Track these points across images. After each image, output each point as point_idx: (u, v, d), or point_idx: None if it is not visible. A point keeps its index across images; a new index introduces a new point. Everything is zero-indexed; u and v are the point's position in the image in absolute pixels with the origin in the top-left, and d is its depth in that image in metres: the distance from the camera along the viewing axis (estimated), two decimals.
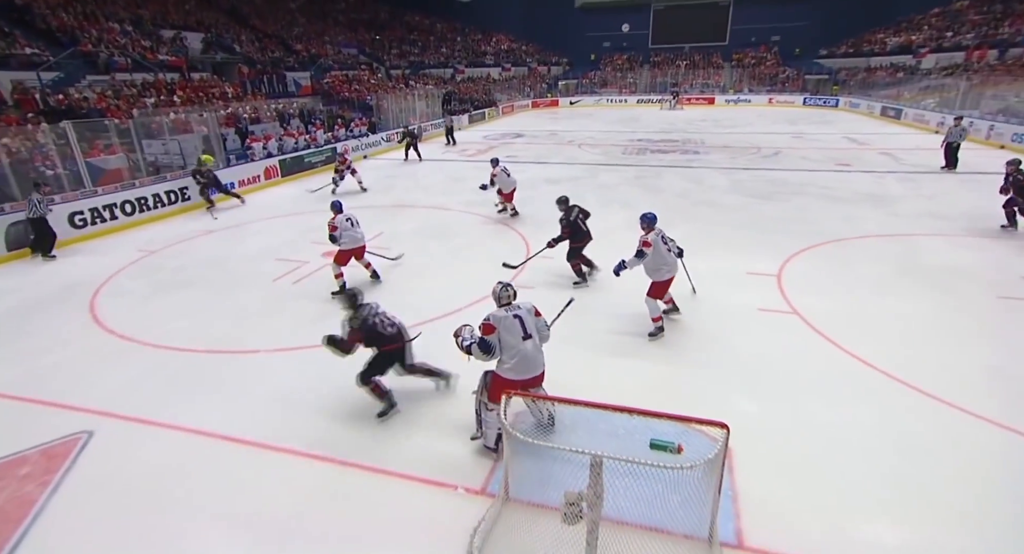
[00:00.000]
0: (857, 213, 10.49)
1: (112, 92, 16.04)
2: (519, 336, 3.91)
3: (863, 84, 33.09)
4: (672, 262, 5.78)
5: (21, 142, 10.64)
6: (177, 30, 22.68)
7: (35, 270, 8.60)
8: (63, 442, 4.42)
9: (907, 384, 4.93)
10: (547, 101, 39.63)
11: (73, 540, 3.52)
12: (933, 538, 3.38)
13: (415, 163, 17.58)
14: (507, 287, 4.15)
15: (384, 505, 3.70)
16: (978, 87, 22.08)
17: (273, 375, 5.38)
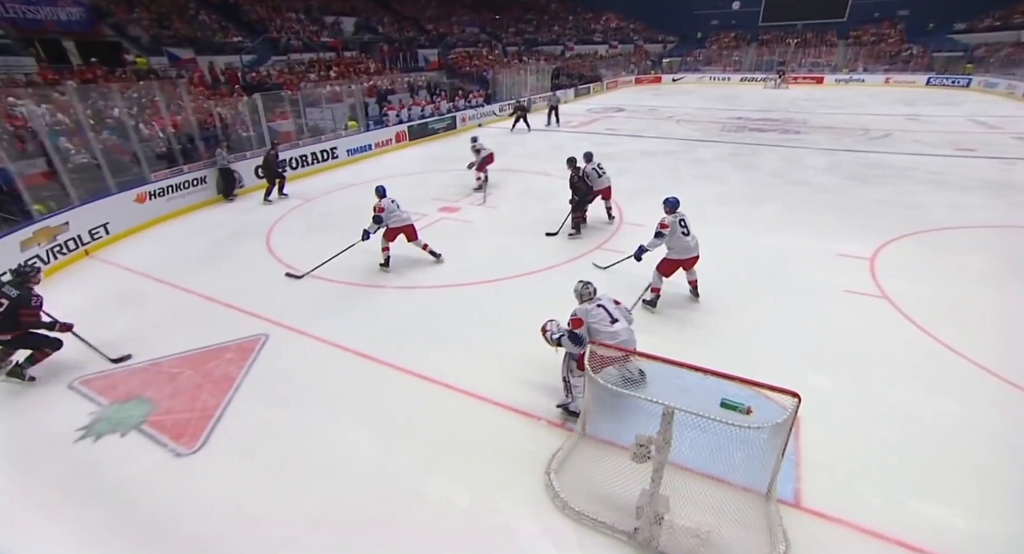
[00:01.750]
0: (971, 201, 8.91)
1: (288, 69, 17.43)
2: (607, 322, 3.85)
3: (1006, 61, 26.85)
4: (686, 246, 5.31)
5: (229, 110, 12.01)
6: (336, 16, 23.84)
7: (232, 209, 9.79)
8: (251, 339, 5.14)
9: (998, 376, 4.28)
10: (650, 77, 36.96)
11: (258, 409, 4.17)
12: (1000, 527, 3.01)
13: (523, 133, 17.40)
14: (587, 285, 4.09)
15: (479, 424, 3.94)
16: None
17: (396, 308, 5.79)
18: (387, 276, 6.58)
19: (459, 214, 9.00)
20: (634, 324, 4.06)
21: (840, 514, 3.07)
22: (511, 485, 3.37)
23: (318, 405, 4.21)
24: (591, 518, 3.03)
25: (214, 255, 7.49)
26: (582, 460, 3.44)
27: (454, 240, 7.73)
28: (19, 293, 4.19)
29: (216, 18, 19.65)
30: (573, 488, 3.22)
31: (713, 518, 2.85)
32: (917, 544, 2.89)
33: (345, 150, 13.28)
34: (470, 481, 3.42)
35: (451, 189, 10.51)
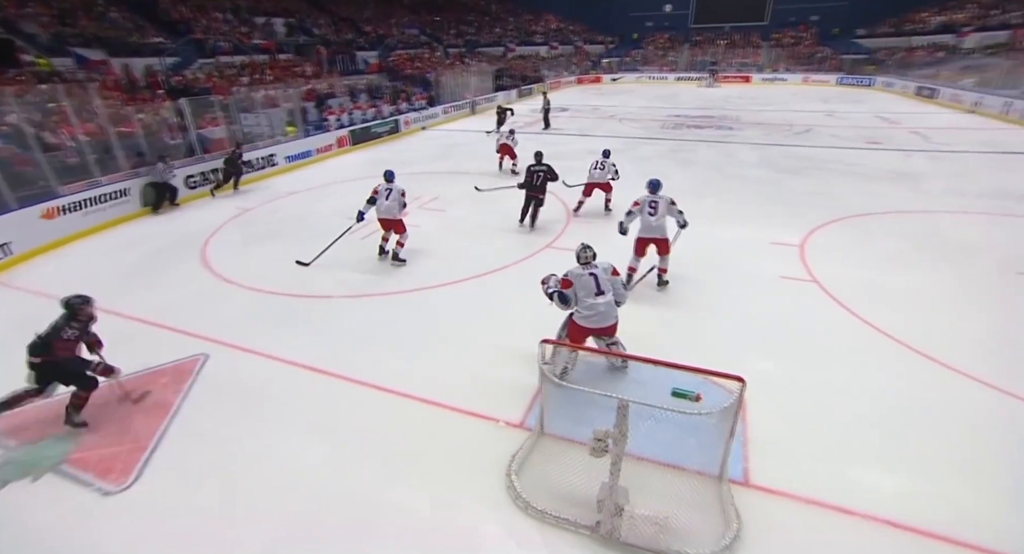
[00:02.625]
0: (881, 189, 9.71)
1: (217, 73, 16.45)
2: (592, 292, 3.97)
3: (901, 64, 29.80)
4: (648, 226, 5.66)
5: (152, 117, 11.15)
6: (267, 17, 22.78)
7: (161, 222, 9.13)
8: (189, 361, 4.80)
9: (917, 351, 4.67)
10: (591, 78, 37.81)
11: (199, 433, 3.90)
12: (927, 488, 3.28)
13: (468, 133, 17.32)
14: (587, 248, 4.16)
15: (437, 431, 3.86)
16: (1020, 67, 19.51)
17: (344, 318, 5.59)
18: (335, 285, 6.33)
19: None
20: (628, 301, 4.20)
21: (785, 488, 3.24)
22: (473, 489, 3.33)
23: (268, 424, 3.99)
24: (554, 516, 3.04)
25: (143, 272, 6.95)
26: (542, 459, 3.45)
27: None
28: (55, 323, 3.88)
29: (131, 17, 18.18)
30: (535, 487, 3.22)
31: (671, 504, 2.93)
32: (852, 508, 3.09)
33: (284, 157, 12.71)
34: (431, 489, 3.35)
35: None
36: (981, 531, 2.94)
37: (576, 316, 4.08)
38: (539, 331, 4.90)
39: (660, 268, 5.89)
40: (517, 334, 4.98)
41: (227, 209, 9.66)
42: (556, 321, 5.22)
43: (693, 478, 3.19)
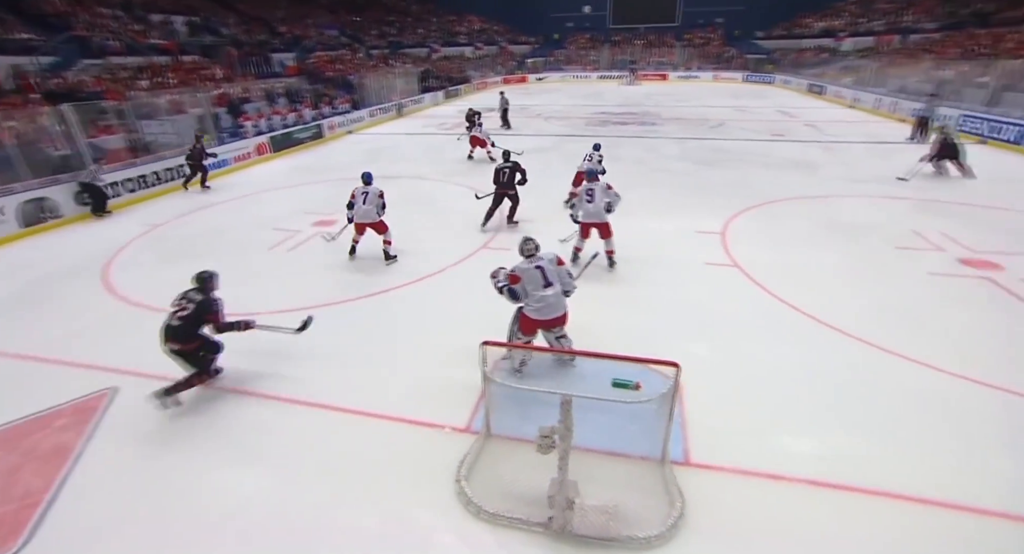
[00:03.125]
0: (787, 178, 10.59)
1: (108, 75, 14.87)
2: (541, 284, 4.00)
3: (794, 63, 32.83)
4: (587, 211, 6.11)
5: (25, 124, 9.83)
6: (165, 14, 20.95)
7: (51, 244, 8.13)
8: (92, 397, 4.29)
9: (822, 321, 5.12)
10: (516, 77, 38.25)
11: (108, 478, 3.48)
12: (839, 446, 3.59)
13: (396, 135, 16.96)
14: (529, 241, 4.17)
15: (381, 444, 3.72)
16: (885, 68, 22.13)
17: (273, 335, 5.25)
18: (262, 300, 5.92)
19: (335, 227, 8.45)
20: (577, 290, 4.25)
21: (722, 463, 3.43)
22: (422, 500, 3.24)
23: (192, 457, 3.65)
24: (506, 517, 3.02)
25: (29, 302, 6.15)
26: (491, 461, 3.43)
27: (332, 254, 7.26)
28: (202, 298, 4.22)
29: None
30: (485, 491, 3.18)
31: (618, 491, 3.01)
32: (779, 473, 3.33)
33: None
34: (379, 504, 3.22)
35: (325, 201, 9.85)
36: (887, 478, 3.27)
37: (526, 309, 4.12)
38: (480, 333, 4.86)
39: (607, 250, 6.27)
40: (457, 337, 4.92)
41: (131, 226, 8.79)
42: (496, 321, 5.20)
43: (638, 464, 3.30)
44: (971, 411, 3.90)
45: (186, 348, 4.14)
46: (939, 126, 10.05)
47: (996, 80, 15.31)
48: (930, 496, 3.15)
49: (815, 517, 3.05)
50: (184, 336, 4.11)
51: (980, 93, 15.72)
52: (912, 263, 6.47)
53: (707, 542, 2.90)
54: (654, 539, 2.86)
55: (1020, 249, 6.74)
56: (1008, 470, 3.36)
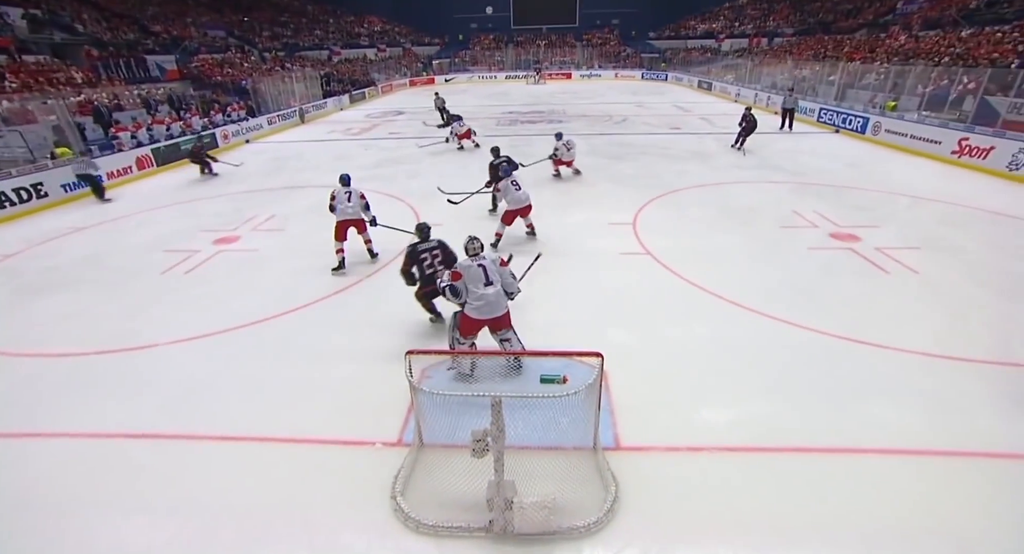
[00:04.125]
0: (687, 168, 11.42)
1: None
2: (481, 283, 4.02)
3: (683, 62, 35.57)
4: (518, 199, 6.86)
5: None
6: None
7: None
8: None
9: (726, 299, 5.58)
10: (424, 79, 37.73)
11: None
12: (748, 411, 3.93)
13: (300, 143, 16.01)
14: (474, 240, 4.20)
15: (308, 470, 3.49)
16: (757, 67, 24.72)
17: (175, 367, 4.74)
18: (159, 330, 5.31)
19: (240, 243, 7.81)
20: (521, 293, 4.34)
21: (649, 443, 3.61)
22: (357, 524, 3.07)
23: (82, 521, 3.17)
24: (447, 527, 2.96)
25: None
26: (426, 472, 3.34)
27: (239, 273, 6.71)
28: (438, 241, 4.74)
29: None
30: (423, 503, 3.09)
31: (556, 485, 3.05)
32: (698, 445, 3.58)
33: (59, 185, 10.24)
34: (311, 536, 3.01)
35: (225, 216, 9.06)
36: (793, 435, 3.63)
37: (467, 308, 4.11)
38: (405, 342, 4.76)
39: (528, 224, 7.30)
40: (379, 350, 4.76)
41: None
42: (420, 328, 5.10)
43: (572, 455, 3.37)
44: (851, 365, 4.45)
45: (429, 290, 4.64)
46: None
47: (841, 78, 17.69)
48: (829, 444, 3.55)
49: (733, 480, 3.31)
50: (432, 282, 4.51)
51: (831, 89, 18.08)
52: (795, 239, 7.26)
53: (642, 520, 3.03)
54: (593, 525, 2.95)
55: (870, 222, 7.80)
56: (887, 412, 3.87)
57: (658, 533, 2.97)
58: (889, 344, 4.69)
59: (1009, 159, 10.24)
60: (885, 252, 6.70)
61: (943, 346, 4.64)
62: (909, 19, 23.77)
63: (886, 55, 19.89)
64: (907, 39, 21.08)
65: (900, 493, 3.20)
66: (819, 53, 24.76)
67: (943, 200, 8.85)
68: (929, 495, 3.18)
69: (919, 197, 9.05)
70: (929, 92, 13.84)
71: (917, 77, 14.55)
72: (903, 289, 5.83)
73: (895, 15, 25.41)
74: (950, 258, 6.55)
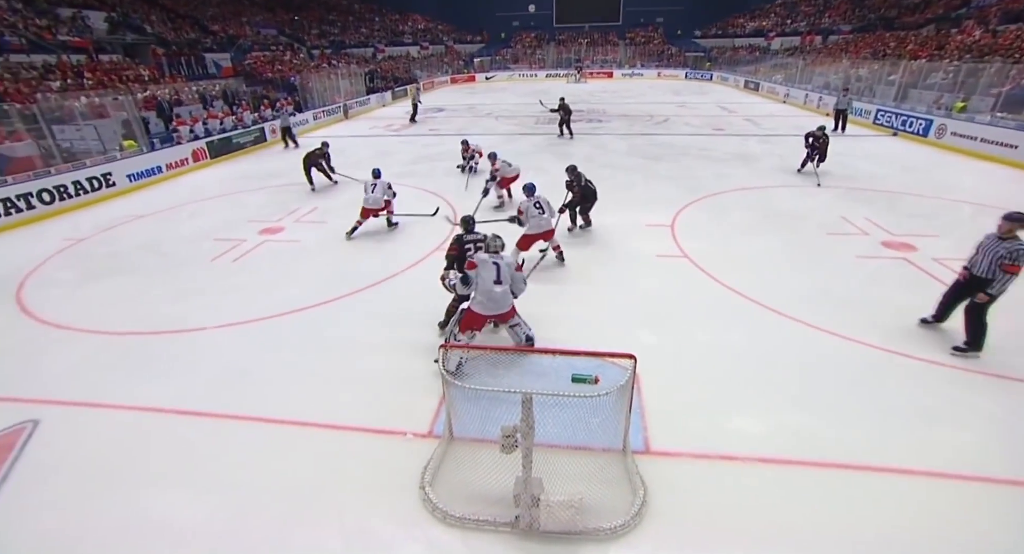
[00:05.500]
0: (728, 170, 11.08)
1: (9, 75, 13.55)
2: (492, 280, 4.15)
3: (729, 61, 34.48)
4: (538, 223, 6.07)
5: None
6: (76, 8, 19.31)
7: None
8: (6, 433, 3.89)
9: (765, 305, 5.39)
10: (464, 77, 38.08)
11: (28, 522, 3.16)
12: (785, 423, 3.79)
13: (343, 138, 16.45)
14: (496, 237, 4.36)
15: (341, 456, 3.59)
16: (809, 66, 23.64)
17: (222, 350, 4.98)
18: (207, 314, 5.58)
19: (284, 234, 8.12)
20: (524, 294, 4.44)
21: (679, 448, 3.54)
22: (386, 511, 3.15)
23: (130, 489, 3.38)
24: (473, 520, 2.99)
25: None
26: (455, 464, 3.38)
27: (282, 264, 6.97)
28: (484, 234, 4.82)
29: None
30: (451, 495, 3.14)
31: (583, 485, 3.04)
32: (732, 453, 3.47)
33: (125, 175, 10.95)
34: (341, 520, 3.10)
35: (270, 208, 9.43)
36: (829, 449, 3.48)
37: (473, 303, 4.24)
38: (436, 337, 4.83)
39: (555, 247, 6.44)
40: (413, 343, 4.84)
41: (50, 241, 8.07)
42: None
43: (600, 456, 3.34)
44: (897, 381, 4.21)
45: None
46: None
47: (902, 78, 16.67)
48: (868, 461, 3.38)
49: (766, 492, 3.20)
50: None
51: (890, 90, 17.08)
52: (842, 247, 6.93)
53: (670, 526, 2.98)
54: (619, 528, 2.91)
55: (929, 231, 7.35)
56: (937, 433, 3.65)
57: (685, 540, 2.91)
58: (943, 361, 4.41)
59: None
60: (943, 263, 6.30)
61: (1004, 366, 4.33)
62: (986, 12, 22.08)
63: (957, 52, 18.50)
64: (983, 34, 19.60)
65: (947, 519, 3.01)
66: (878, 51, 23.45)
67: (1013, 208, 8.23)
68: (975, 523, 2.98)
69: (986, 205, 8.46)
70: (1006, 92, 12.82)
71: (993, 75, 13.53)
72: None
73: (969, 8, 23.69)
74: None
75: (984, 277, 4.20)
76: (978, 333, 4.34)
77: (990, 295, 4.15)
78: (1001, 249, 4.06)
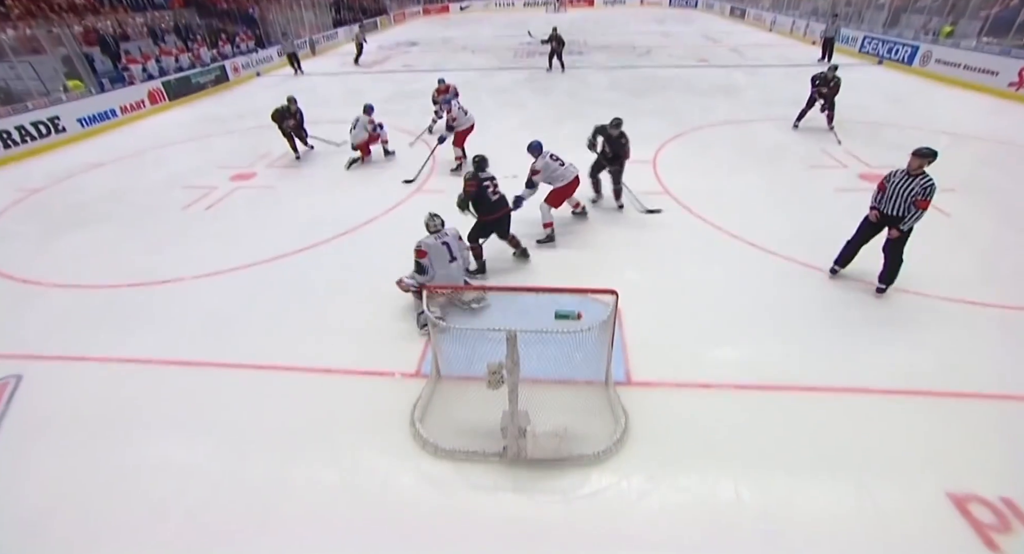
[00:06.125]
0: (712, 104, 10.75)
1: None
2: (446, 260, 4.11)
3: None
4: (563, 174, 5.34)
5: None
6: None
7: None
8: None
9: (744, 240, 5.43)
10: (438, 7, 35.37)
11: (23, 475, 3.18)
12: (760, 351, 3.93)
13: (303, 77, 15.40)
14: (434, 217, 4.20)
15: (332, 398, 3.64)
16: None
17: (203, 300, 4.87)
18: (185, 265, 5.41)
19: (257, 180, 7.76)
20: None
21: (660, 378, 3.66)
22: (379, 447, 3.25)
23: (125, 434, 3.41)
24: (463, 452, 3.11)
25: None
26: (443, 402, 3.46)
27: (257, 210, 6.71)
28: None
29: None
30: (440, 430, 3.24)
31: (567, 416, 3.15)
32: (709, 381, 3.62)
33: (75, 120, 10.16)
34: (336, 457, 3.20)
35: (240, 153, 8.95)
36: (802, 375, 3.64)
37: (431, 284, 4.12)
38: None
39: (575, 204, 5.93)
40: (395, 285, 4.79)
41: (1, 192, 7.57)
42: None
43: (584, 388, 3.45)
44: (869, 309, 4.36)
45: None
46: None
47: (893, 1, 15.90)
48: (838, 384, 3.56)
49: (738, 415, 3.37)
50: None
51: (880, 15, 16.34)
52: (821, 181, 6.91)
53: (649, 449, 3.14)
54: (602, 454, 3.06)
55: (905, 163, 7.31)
56: (900, 355, 3.83)
57: (663, 461, 3.08)
58: (910, 288, 4.56)
59: None
60: None
61: (966, 291, 4.50)
62: None
63: None
64: None
65: (900, 430, 3.23)
66: None
67: (989, 138, 8.25)
68: (928, 433, 3.21)
69: (963, 135, 8.43)
70: (994, 14, 12.31)
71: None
72: (931, 233, 5.57)
73: None
74: (985, 200, 6.21)
75: (896, 215, 4.19)
76: (895, 269, 4.38)
77: (902, 231, 4.18)
78: (916, 185, 4.05)
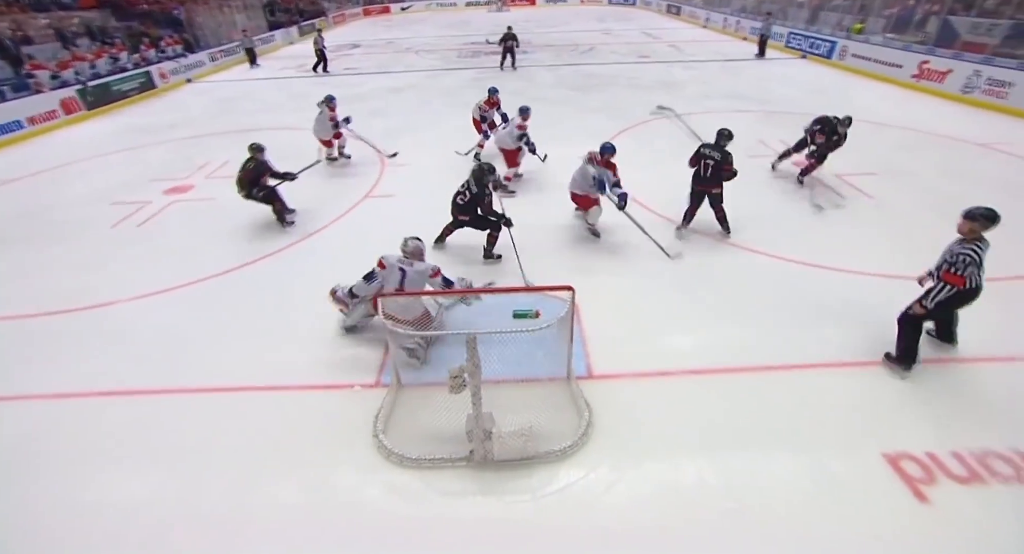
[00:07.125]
0: (654, 98, 11.05)
1: None
2: (393, 288, 3.67)
3: None
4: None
5: None
6: None
7: None
8: None
9: (696, 230, 5.63)
10: (378, 8, 34.59)
11: None
12: (714, 335, 4.09)
13: (250, 82, 14.70)
14: (408, 241, 3.76)
15: (290, 415, 3.48)
16: None
17: (141, 322, 4.54)
18: (118, 286, 5.01)
19: (195, 192, 7.32)
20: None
21: (620, 370, 3.73)
22: (343, 462, 3.14)
23: (60, 478, 3.12)
24: (429, 459, 3.05)
25: None
26: (406, 411, 3.38)
27: (196, 224, 6.34)
28: (477, 191, 4.86)
29: None
30: (405, 440, 3.16)
31: (532, 414, 3.14)
32: (666, 369, 3.72)
33: None
34: (299, 476, 3.06)
35: (175, 164, 8.42)
36: (753, 355, 3.81)
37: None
38: None
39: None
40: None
41: None
42: None
43: (546, 385, 3.46)
44: (810, 289, 4.62)
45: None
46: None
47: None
48: (786, 362, 3.75)
49: (699, 399, 3.48)
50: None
51: (801, 12, 17.39)
52: (760, 169, 7.26)
53: (614, 440, 3.19)
54: (568, 449, 3.08)
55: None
56: (835, 330, 4.07)
57: (629, 452, 3.13)
58: (844, 267, 4.87)
59: (964, 82, 10.31)
60: (843, 178, 6.80)
61: (892, 267, 4.84)
62: None
63: None
64: None
65: (842, 401, 3.43)
66: None
67: (900, 126, 8.93)
68: (866, 401, 3.43)
69: (879, 123, 9.09)
70: (896, 13, 13.47)
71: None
72: (859, 214, 5.98)
73: None
74: (903, 183, 6.71)
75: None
76: (911, 350, 3.53)
77: (925, 307, 3.34)
78: (956, 249, 3.19)
